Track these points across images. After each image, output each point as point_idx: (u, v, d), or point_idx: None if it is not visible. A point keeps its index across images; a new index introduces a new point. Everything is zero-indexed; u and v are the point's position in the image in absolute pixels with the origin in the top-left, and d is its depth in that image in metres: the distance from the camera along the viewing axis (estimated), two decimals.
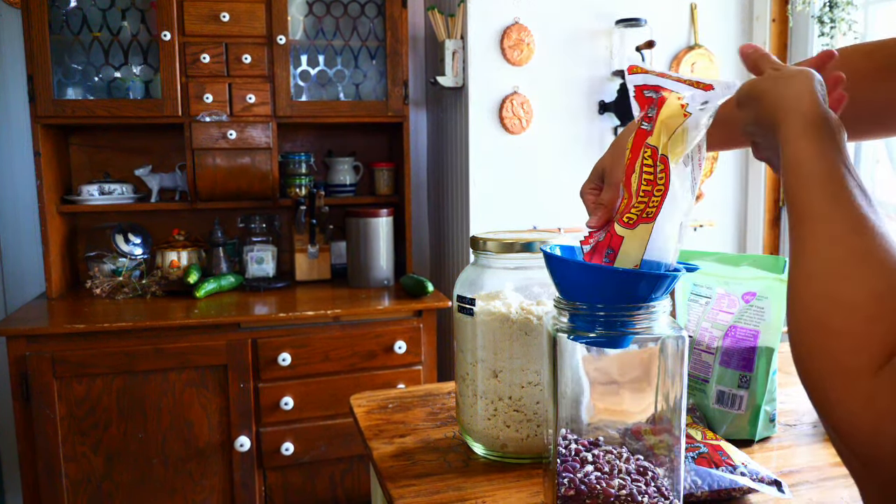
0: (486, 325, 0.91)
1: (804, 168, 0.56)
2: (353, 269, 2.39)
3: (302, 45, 2.40)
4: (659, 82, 0.69)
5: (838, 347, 0.47)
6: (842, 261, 0.50)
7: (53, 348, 1.90)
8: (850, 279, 0.49)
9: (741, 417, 0.97)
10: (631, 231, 0.69)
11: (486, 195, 2.28)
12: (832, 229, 0.52)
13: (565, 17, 2.28)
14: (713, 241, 2.53)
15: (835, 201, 0.53)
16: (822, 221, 0.53)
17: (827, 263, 0.51)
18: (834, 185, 0.54)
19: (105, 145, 2.50)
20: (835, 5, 2.11)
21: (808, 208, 0.54)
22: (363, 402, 1.15)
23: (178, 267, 2.32)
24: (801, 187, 0.55)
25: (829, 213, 0.53)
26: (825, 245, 0.52)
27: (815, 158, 0.56)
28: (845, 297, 0.48)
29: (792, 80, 0.61)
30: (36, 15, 2.11)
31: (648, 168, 0.68)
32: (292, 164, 2.48)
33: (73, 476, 1.95)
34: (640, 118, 0.70)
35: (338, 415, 2.11)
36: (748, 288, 0.98)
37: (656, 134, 0.68)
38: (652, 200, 0.68)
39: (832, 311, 0.49)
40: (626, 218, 0.69)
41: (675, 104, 0.67)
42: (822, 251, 0.52)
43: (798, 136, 0.57)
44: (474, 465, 0.92)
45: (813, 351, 0.49)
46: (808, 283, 0.51)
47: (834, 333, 0.48)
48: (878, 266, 0.48)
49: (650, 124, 0.69)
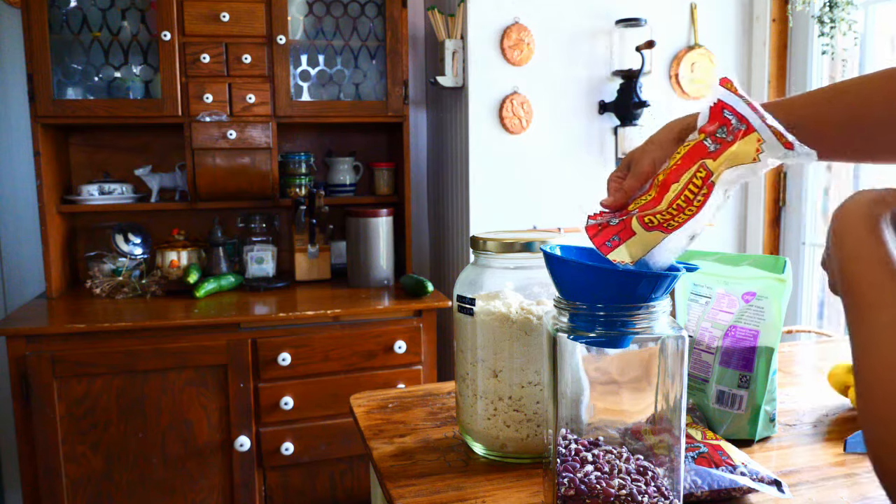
0: (486, 325, 0.91)
1: (874, 258, 0.56)
2: (353, 268, 2.39)
3: (302, 45, 2.40)
4: (745, 113, 0.68)
5: None
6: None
7: (53, 348, 1.90)
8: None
9: (741, 417, 0.97)
10: (646, 233, 0.69)
11: (485, 195, 2.28)
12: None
13: (565, 16, 2.28)
14: (713, 241, 2.53)
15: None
16: (887, 307, 0.53)
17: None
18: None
19: (105, 145, 2.50)
20: (835, 5, 2.10)
21: (871, 294, 0.55)
22: (363, 401, 1.15)
23: (178, 267, 2.32)
24: (867, 274, 0.56)
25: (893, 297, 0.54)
26: (891, 328, 0.52)
27: (883, 252, 0.57)
28: None
29: (862, 194, 0.62)
30: (36, 14, 2.11)
31: (694, 188, 0.68)
32: (292, 163, 2.48)
33: (72, 475, 1.95)
34: (707, 133, 0.70)
35: (338, 414, 2.11)
36: (748, 288, 0.98)
37: (719, 161, 0.67)
38: (680, 216, 0.68)
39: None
40: (648, 219, 0.69)
41: (752, 146, 0.66)
42: (888, 332, 0.52)
43: (867, 231, 0.58)
44: (474, 464, 0.92)
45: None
46: (876, 356, 0.52)
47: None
48: None
49: (716, 145, 0.68)
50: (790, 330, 2.15)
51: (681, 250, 0.71)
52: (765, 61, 2.43)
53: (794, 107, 0.74)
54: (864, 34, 2.15)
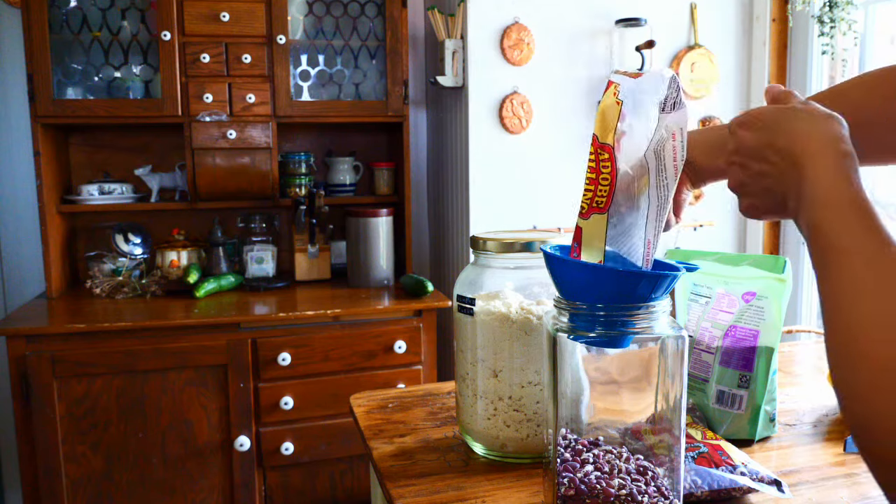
0: (486, 325, 0.91)
1: (844, 201, 0.57)
2: (353, 268, 2.39)
3: (302, 45, 2.40)
4: (612, 78, 0.71)
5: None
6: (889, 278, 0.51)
7: (53, 348, 1.90)
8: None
9: (741, 417, 0.97)
10: (585, 221, 0.70)
11: (485, 195, 2.28)
12: (874, 255, 0.53)
13: (565, 16, 2.28)
14: (713, 240, 2.53)
15: (874, 231, 0.55)
16: (859, 251, 0.54)
17: (877, 282, 0.52)
18: (871, 218, 0.55)
19: (105, 145, 2.50)
20: (834, 5, 2.10)
21: (846, 238, 0.55)
22: (363, 401, 1.15)
23: (178, 266, 2.32)
24: (839, 220, 0.56)
25: (866, 241, 0.54)
26: (866, 269, 0.53)
27: (854, 193, 0.57)
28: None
29: (827, 119, 0.62)
30: (36, 14, 2.11)
31: (593, 156, 0.69)
32: (292, 163, 2.48)
33: (72, 475, 1.95)
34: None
35: (337, 414, 2.11)
36: (748, 288, 0.98)
37: (596, 123, 0.69)
38: (600, 189, 0.69)
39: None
40: (581, 207, 0.71)
41: (611, 96, 0.69)
42: (864, 274, 0.53)
43: (836, 171, 0.58)
44: (474, 464, 0.92)
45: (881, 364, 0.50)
46: (857, 301, 0.52)
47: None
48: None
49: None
50: (790, 330, 2.15)
51: (652, 234, 0.72)
52: (765, 61, 2.43)
53: None
54: (863, 34, 2.15)
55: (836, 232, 0.56)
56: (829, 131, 0.60)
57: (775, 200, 0.64)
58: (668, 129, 0.71)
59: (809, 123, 0.61)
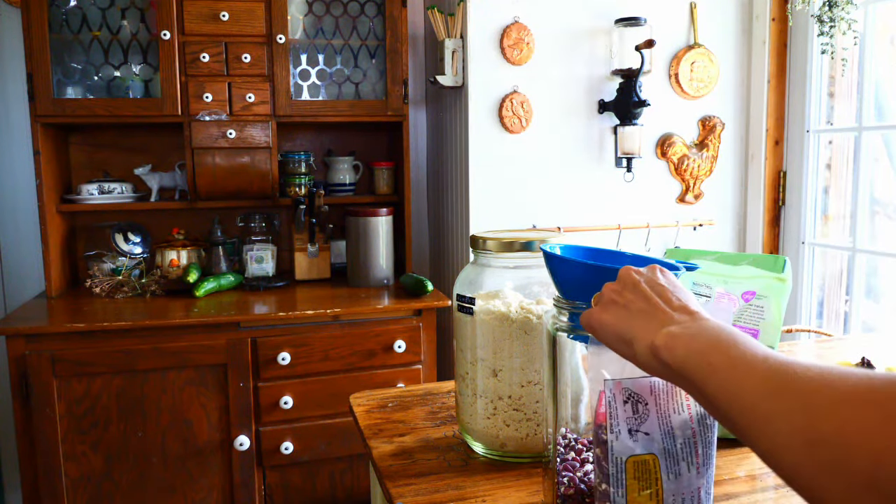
0: (486, 325, 0.91)
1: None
2: (353, 268, 2.39)
3: (301, 45, 2.40)
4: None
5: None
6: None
7: (53, 347, 1.90)
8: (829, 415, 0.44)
9: None
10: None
11: (485, 194, 2.28)
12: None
13: (565, 16, 2.28)
14: (713, 240, 2.53)
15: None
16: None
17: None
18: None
19: (105, 144, 2.50)
20: (834, 4, 2.10)
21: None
22: (363, 401, 1.15)
23: (178, 266, 2.32)
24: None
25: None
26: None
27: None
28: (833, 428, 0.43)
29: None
30: (35, 14, 2.11)
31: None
32: (292, 163, 2.48)
33: (72, 475, 1.95)
34: None
35: (337, 414, 2.11)
36: (748, 287, 0.98)
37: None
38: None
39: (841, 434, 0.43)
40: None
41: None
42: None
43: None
44: (474, 464, 0.92)
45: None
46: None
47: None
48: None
49: None
50: (790, 329, 2.15)
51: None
52: (764, 60, 2.43)
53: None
54: (863, 33, 2.15)
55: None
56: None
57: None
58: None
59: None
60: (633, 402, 0.64)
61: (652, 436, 0.64)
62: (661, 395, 0.65)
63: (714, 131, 2.46)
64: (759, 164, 2.49)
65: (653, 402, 0.65)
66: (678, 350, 0.56)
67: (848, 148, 2.31)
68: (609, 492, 0.65)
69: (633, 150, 2.29)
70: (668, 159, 2.43)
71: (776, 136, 2.46)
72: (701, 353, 0.55)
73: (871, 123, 2.18)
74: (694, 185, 2.47)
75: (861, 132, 2.20)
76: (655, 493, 0.64)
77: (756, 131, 2.49)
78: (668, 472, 0.64)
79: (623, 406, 0.64)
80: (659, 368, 0.59)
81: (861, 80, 2.19)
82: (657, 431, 0.64)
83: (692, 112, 2.45)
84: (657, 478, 0.64)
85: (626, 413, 0.64)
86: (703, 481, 0.66)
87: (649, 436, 0.64)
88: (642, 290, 0.63)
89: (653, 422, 0.64)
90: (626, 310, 0.63)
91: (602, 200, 2.39)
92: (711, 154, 2.48)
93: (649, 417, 0.64)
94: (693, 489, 0.65)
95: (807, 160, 2.39)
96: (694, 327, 0.58)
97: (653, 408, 0.65)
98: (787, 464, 0.45)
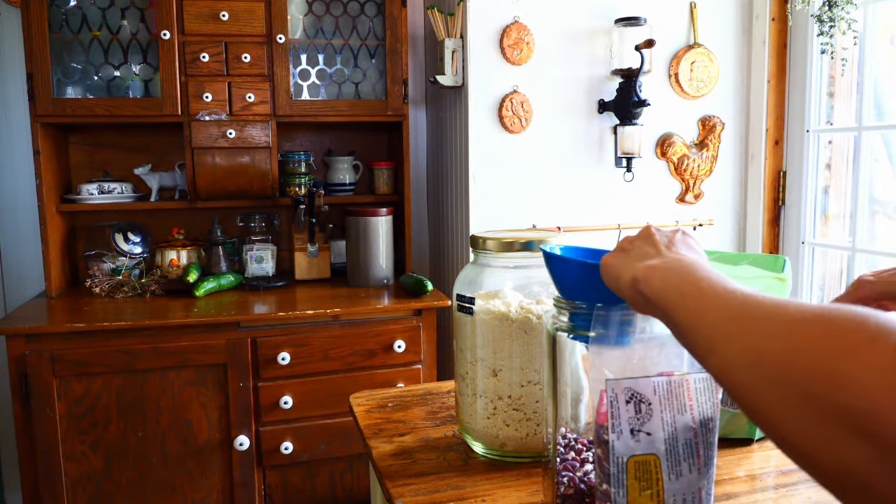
0: (486, 324, 0.91)
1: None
2: (353, 268, 2.39)
3: (301, 44, 2.40)
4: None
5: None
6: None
7: (53, 347, 1.90)
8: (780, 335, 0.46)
9: (740, 416, 0.97)
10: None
11: (485, 194, 2.28)
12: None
13: (565, 16, 2.28)
14: (713, 240, 2.53)
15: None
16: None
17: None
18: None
19: (104, 144, 2.50)
20: (834, 4, 2.10)
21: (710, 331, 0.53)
22: (363, 400, 1.15)
23: (178, 266, 2.32)
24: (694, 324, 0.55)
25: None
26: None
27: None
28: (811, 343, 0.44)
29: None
30: (35, 14, 2.11)
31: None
32: (292, 162, 2.48)
33: (72, 475, 1.95)
34: None
35: (337, 414, 2.11)
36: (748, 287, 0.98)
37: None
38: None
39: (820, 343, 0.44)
40: None
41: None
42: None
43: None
44: (474, 463, 0.92)
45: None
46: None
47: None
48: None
49: None
50: None
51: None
52: (764, 60, 2.43)
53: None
54: (863, 33, 2.15)
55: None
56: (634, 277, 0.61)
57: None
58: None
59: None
60: (636, 402, 0.64)
61: (654, 436, 0.64)
62: (664, 396, 0.65)
63: (714, 131, 2.46)
64: (758, 164, 2.49)
65: (656, 403, 0.65)
66: (654, 281, 0.59)
67: (848, 148, 2.31)
68: (610, 492, 0.65)
69: (633, 150, 2.29)
70: (668, 159, 2.43)
71: (776, 135, 2.46)
72: (675, 285, 0.57)
73: (871, 123, 2.18)
74: (694, 185, 2.47)
75: (861, 132, 2.20)
76: (656, 494, 0.64)
77: (756, 131, 2.49)
78: (670, 473, 0.64)
79: (625, 406, 0.64)
80: (640, 301, 0.61)
81: (861, 80, 2.19)
82: (659, 432, 0.64)
83: (692, 112, 2.45)
84: (658, 478, 0.64)
85: (629, 413, 0.64)
86: (704, 482, 0.66)
87: (651, 436, 0.64)
88: (653, 240, 0.65)
89: (655, 422, 0.64)
90: (626, 253, 0.66)
91: (602, 200, 2.39)
92: (711, 154, 2.48)
93: (652, 418, 0.64)
94: (694, 489, 0.65)
95: (807, 160, 2.39)
96: (671, 260, 0.60)
97: (656, 408, 0.65)
98: (734, 380, 0.48)
